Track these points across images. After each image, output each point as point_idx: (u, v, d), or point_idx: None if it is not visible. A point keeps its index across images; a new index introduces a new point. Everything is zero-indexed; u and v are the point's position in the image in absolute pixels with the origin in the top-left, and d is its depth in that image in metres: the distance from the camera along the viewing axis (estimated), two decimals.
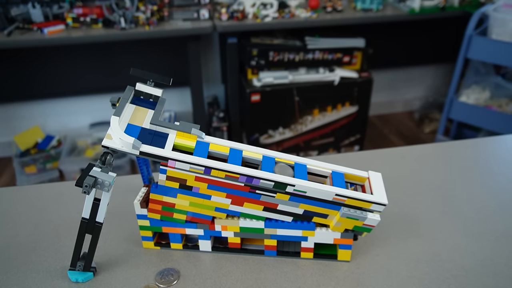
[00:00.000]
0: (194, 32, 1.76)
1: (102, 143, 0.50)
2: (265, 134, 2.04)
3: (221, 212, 0.57)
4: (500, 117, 1.89)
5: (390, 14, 1.92)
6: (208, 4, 1.82)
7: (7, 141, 2.17)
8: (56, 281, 0.56)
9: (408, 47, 2.41)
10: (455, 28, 2.20)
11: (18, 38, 1.64)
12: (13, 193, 0.76)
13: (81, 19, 1.72)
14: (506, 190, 0.74)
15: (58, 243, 0.63)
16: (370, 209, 0.54)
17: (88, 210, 0.52)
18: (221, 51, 2.18)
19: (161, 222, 0.59)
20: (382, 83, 2.49)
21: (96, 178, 0.49)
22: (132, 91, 0.55)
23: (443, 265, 0.58)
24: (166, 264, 0.59)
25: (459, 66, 1.92)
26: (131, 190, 0.67)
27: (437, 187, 0.75)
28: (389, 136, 2.46)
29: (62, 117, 2.24)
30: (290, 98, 1.95)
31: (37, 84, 2.08)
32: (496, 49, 1.78)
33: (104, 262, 0.59)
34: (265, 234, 0.59)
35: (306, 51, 1.88)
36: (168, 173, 0.53)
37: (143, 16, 1.71)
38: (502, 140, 0.92)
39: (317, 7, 1.89)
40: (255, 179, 0.52)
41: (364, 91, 2.01)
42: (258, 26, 1.81)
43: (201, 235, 0.60)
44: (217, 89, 2.32)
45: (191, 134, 0.54)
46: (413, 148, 0.89)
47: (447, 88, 2.15)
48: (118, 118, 0.51)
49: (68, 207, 0.71)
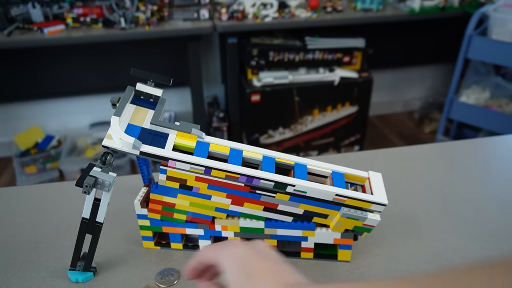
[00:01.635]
0: (194, 32, 1.76)
1: (103, 143, 0.50)
2: (265, 134, 2.04)
3: (221, 212, 0.57)
4: (500, 117, 1.89)
5: (390, 14, 1.92)
6: (208, 4, 1.82)
7: (7, 141, 2.17)
8: (56, 281, 0.56)
9: (408, 47, 2.41)
10: (455, 28, 2.20)
11: (18, 38, 1.64)
12: (13, 193, 0.76)
13: (81, 19, 1.72)
14: (506, 190, 0.74)
15: (58, 243, 0.63)
16: (370, 209, 0.54)
17: (88, 210, 0.52)
18: (221, 51, 2.18)
19: (161, 222, 0.59)
20: (382, 83, 2.49)
21: (97, 178, 0.49)
22: (132, 91, 0.56)
23: (443, 265, 0.58)
24: (166, 264, 0.59)
25: (459, 66, 1.92)
26: (131, 190, 0.67)
27: (437, 187, 0.75)
28: (389, 136, 2.46)
29: (62, 117, 2.24)
30: (290, 98, 1.95)
31: (37, 84, 2.08)
32: (496, 49, 1.78)
33: (104, 262, 0.59)
34: (265, 234, 0.59)
35: (306, 51, 1.88)
36: (168, 173, 0.53)
37: (143, 16, 1.71)
38: (502, 140, 0.92)
39: (317, 7, 1.89)
40: (255, 179, 0.52)
41: (364, 91, 2.01)
42: (258, 26, 1.81)
43: (201, 235, 0.60)
44: (217, 89, 2.32)
45: (191, 134, 0.54)
46: (413, 148, 0.89)
47: (447, 88, 2.15)
48: (118, 118, 0.51)
49: (68, 207, 0.71)
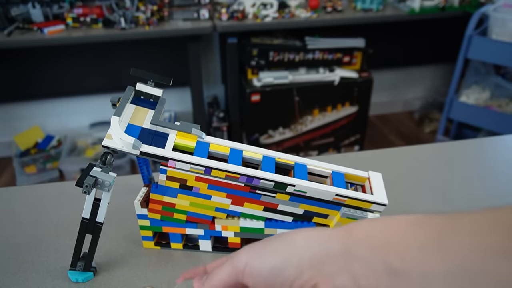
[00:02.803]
0: (194, 32, 1.76)
1: (103, 143, 0.50)
2: (265, 134, 2.04)
3: (222, 212, 0.57)
4: (500, 117, 1.89)
5: (390, 14, 1.92)
6: (208, 4, 1.82)
7: (7, 141, 2.17)
8: (56, 281, 0.56)
9: (408, 47, 2.41)
10: (455, 28, 2.20)
11: (18, 38, 1.64)
12: (13, 193, 0.76)
13: (81, 19, 1.72)
14: (506, 190, 0.74)
15: (58, 243, 0.63)
16: (370, 209, 0.54)
17: (88, 210, 0.52)
18: (221, 51, 2.18)
19: (161, 222, 0.59)
20: (382, 83, 2.49)
21: (97, 178, 0.49)
22: (132, 91, 0.55)
23: None
24: (166, 264, 0.59)
25: (459, 66, 1.92)
26: (131, 190, 0.67)
27: (437, 187, 0.75)
28: (389, 136, 2.46)
29: (62, 117, 2.24)
30: (290, 98, 1.95)
31: (37, 84, 2.08)
32: (496, 49, 1.78)
33: (104, 262, 0.59)
34: (266, 234, 0.59)
35: (306, 51, 1.88)
36: (168, 173, 0.53)
37: (143, 16, 1.71)
38: (502, 140, 0.92)
39: (317, 7, 1.89)
40: (255, 179, 0.52)
41: (364, 91, 2.01)
42: (258, 26, 1.81)
43: (201, 235, 0.60)
44: (217, 89, 2.32)
45: (191, 134, 0.54)
46: (413, 148, 0.89)
47: (447, 88, 2.15)
48: (118, 118, 0.51)
49: (68, 207, 0.71)
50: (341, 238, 0.29)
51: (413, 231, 0.28)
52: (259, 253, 0.31)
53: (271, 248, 0.31)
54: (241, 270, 0.31)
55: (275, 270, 0.29)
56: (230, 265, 0.32)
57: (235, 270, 0.31)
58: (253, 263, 0.30)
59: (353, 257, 0.28)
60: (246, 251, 0.32)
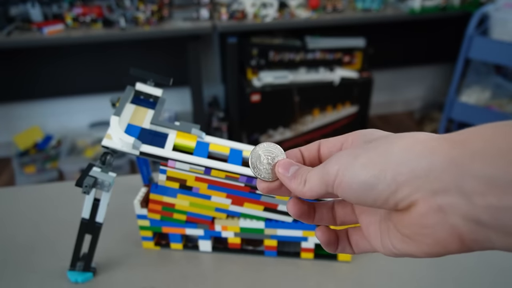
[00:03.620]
0: (194, 32, 1.76)
1: (102, 143, 0.50)
2: (265, 134, 2.04)
3: (221, 212, 0.57)
4: (500, 117, 1.89)
5: (390, 14, 1.91)
6: (208, 4, 1.81)
7: (7, 141, 2.16)
8: (55, 281, 0.56)
9: (409, 47, 2.41)
10: (456, 28, 2.20)
11: (17, 38, 1.64)
12: (13, 193, 0.76)
13: (81, 19, 1.72)
14: None
15: (58, 243, 0.63)
16: None
17: (88, 210, 0.52)
18: (221, 51, 2.17)
19: (161, 222, 0.59)
20: (383, 83, 2.49)
21: (96, 178, 0.49)
22: (132, 91, 0.55)
23: (443, 266, 0.58)
24: (166, 264, 0.59)
25: (459, 66, 1.92)
26: (131, 190, 0.67)
27: None
28: None
29: (61, 117, 2.24)
30: (290, 98, 1.94)
31: (36, 84, 2.08)
32: (496, 49, 1.78)
33: (104, 262, 0.59)
34: (266, 235, 0.59)
35: (306, 51, 1.88)
36: (168, 173, 0.53)
37: (143, 16, 1.71)
38: None
39: (317, 7, 1.89)
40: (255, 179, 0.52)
41: (364, 91, 2.01)
42: (258, 26, 1.81)
43: (201, 235, 0.60)
44: (217, 89, 2.32)
45: (191, 134, 0.53)
46: None
47: (447, 88, 2.15)
48: (118, 118, 0.50)
49: (68, 207, 0.71)
50: (448, 151, 0.26)
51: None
52: (350, 165, 0.27)
53: (363, 160, 0.27)
54: (331, 182, 0.28)
55: (366, 186, 0.26)
56: (320, 173, 0.29)
57: (325, 181, 0.28)
58: (343, 176, 0.27)
59: (465, 171, 0.24)
60: (338, 160, 0.28)
